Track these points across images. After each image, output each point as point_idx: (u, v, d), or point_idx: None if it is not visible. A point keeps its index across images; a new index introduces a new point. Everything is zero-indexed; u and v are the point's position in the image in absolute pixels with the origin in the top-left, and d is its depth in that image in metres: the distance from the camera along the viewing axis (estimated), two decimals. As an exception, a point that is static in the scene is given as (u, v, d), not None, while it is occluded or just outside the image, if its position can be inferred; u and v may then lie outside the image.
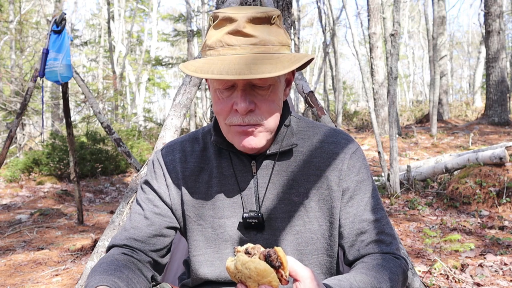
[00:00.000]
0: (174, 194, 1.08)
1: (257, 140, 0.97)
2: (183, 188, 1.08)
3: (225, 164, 1.07)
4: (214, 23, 0.96)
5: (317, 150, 1.07)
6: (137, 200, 1.10)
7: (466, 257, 3.09)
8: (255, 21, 0.94)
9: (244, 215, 1.03)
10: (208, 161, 1.09)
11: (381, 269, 0.96)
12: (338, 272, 1.15)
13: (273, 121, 0.99)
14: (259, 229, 1.04)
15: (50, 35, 3.70)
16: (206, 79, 1.03)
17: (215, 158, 1.08)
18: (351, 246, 1.04)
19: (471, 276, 2.71)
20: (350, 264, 1.06)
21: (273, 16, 0.96)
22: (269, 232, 1.04)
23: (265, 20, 0.95)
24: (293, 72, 1.07)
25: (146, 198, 1.09)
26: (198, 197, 1.07)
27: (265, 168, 1.05)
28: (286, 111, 1.07)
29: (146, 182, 1.11)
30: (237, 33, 0.93)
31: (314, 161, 1.06)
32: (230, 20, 0.93)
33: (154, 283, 1.04)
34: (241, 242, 1.04)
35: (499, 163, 4.64)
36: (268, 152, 1.04)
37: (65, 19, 3.72)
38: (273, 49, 0.94)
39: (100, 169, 8.27)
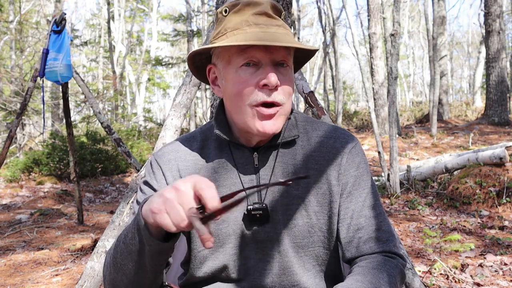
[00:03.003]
0: None
1: (277, 124, 0.99)
2: None
3: (226, 158, 1.07)
4: (234, 9, 1.00)
5: (317, 145, 1.07)
6: (137, 201, 1.10)
7: (466, 257, 3.09)
8: (275, 8, 1.01)
9: (249, 207, 1.03)
10: (207, 157, 1.09)
11: (377, 273, 0.95)
12: (339, 269, 1.15)
13: (289, 104, 1.01)
14: (264, 221, 1.04)
15: (50, 35, 3.70)
16: (210, 69, 1.06)
17: (215, 153, 1.08)
18: (349, 242, 1.04)
19: (471, 276, 2.71)
20: (349, 261, 1.06)
21: (283, 12, 1.04)
22: (270, 225, 1.04)
23: (279, 13, 1.03)
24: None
25: (146, 198, 1.08)
26: None
27: (267, 160, 1.06)
28: None
29: (146, 183, 1.10)
30: (264, 14, 0.98)
31: (313, 155, 1.06)
32: (254, 4, 0.99)
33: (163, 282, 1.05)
34: (244, 236, 1.04)
35: (499, 163, 4.64)
36: (270, 143, 1.05)
37: (65, 19, 3.72)
38: (291, 34, 1.01)
39: (100, 169, 8.27)
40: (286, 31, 0.99)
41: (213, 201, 0.72)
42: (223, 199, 0.75)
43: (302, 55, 1.09)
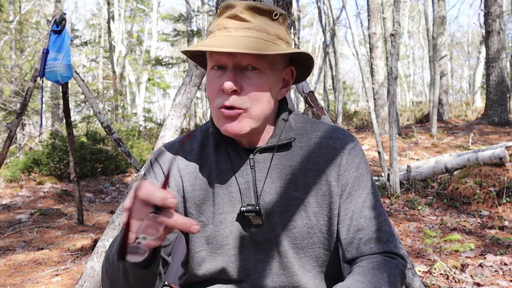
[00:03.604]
0: (175, 192, 1.08)
1: (240, 126, 0.98)
2: (184, 186, 1.08)
3: (222, 159, 1.07)
4: (218, 12, 1.02)
5: (316, 146, 1.07)
6: None
7: (466, 257, 3.09)
8: (255, 10, 0.98)
9: (242, 208, 1.03)
10: (207, 158, 1.09)
11: (377, 273, 0.95)
12: (339, 270, 1.15)
13: (258, 108, 0.99)
14: (258, 223, 1.04)
15: (50, 35, 3.70)
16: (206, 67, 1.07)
17: (213, 153, 1.09)
18: (349, 243, 1.04)
19: (471, 276, 2.71)
20: (349, 262, 1.06)
21: (276, 12, 0.99)
22: (267, 226, 1.04)
23: (266, 13, 0.99)
24: (292, 74, 1.08)
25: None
26: (199, 194, 1.07)
27: (263, 162, 1.06)
28: (284, 106, 1.09)
29: None
30: (234, 17, 0.97)
31: (312, 156, 1.06)
32: (230, 6, 0.99)
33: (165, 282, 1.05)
34: (242, 237, 1.05)
35: (499, 163, 4.64)
36: (265, 145, 1.05)
37: (65, 19, 3.72)
38: (267, 37, 0.97)
39: (100, 169, 8.27)
40: (258, 33, 0.96)
41: (158, 196, 0.68)
42: (164, 185, 0.71)
43: (302, 59, 1.05)
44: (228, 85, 0.94)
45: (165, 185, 0.71)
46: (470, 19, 31.76)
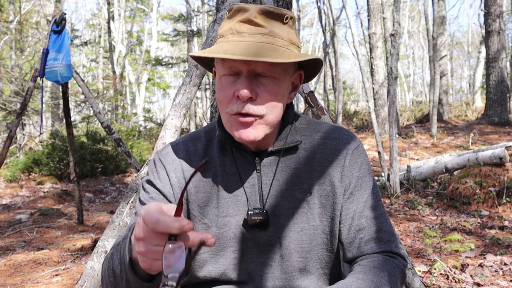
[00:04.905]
0: (179, 194, 1.07)
1: (255, 132, 0.97)
2: (188, 188, 1.07)
3: (228, 161, 1.07)
4: (229, 14, 1.00)
5: (319, 147, 1.07)
6: (140, 201, 1.09)
7: (466, 257, 3.09)
8: (267, 14, 0.97)
9: (249, 212, 1.03)
10: (211, 160, 1.08)
11: (378, 272, 0.96)
12: (339, 270, 1.15)
13: (273, 114, 0.98)
14: (264, 226, 1.04)
15: (50, 35, 3.70)
16: (214, 71, 1.06)
17: (218, 156, 1.08)
18: (350, 243, 1.04)
19: (471, 276, 2.71)
20: (349, 261, 1.06)
21: (286, 16, 0.99)
22: (273, 229, 1.04)
23: (278, 17, 0.98)
24: (300, 78, 1.07)
25: (150, 197, 1.08)
26: (203, 196, 1.07)
27: (269, 165, 1.05)
28: (290, 109, 1.08)
29: (149, 182, 1.09)
30: (248, 21, 0.96)
31: (316, 157, 1.06)
32: (243, 10, 0.97)
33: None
34: (246, 240, 1.04)
35: (499, 163, 4.64)
36: (272, 149, 1.05)
37: (65, 19, 3.72)
38: (281, 42, 0.97)
39: (100, 169, 8.27)
40: (272, 39, 0.96)
41: (175, 226, 0.65)
42: (177, 211, 0.68)
43: (311, 63, 1.05)
44: (245, 92, 0.93)
45: (179, 210, 0.68)
46: (470, 19, 31.76)
